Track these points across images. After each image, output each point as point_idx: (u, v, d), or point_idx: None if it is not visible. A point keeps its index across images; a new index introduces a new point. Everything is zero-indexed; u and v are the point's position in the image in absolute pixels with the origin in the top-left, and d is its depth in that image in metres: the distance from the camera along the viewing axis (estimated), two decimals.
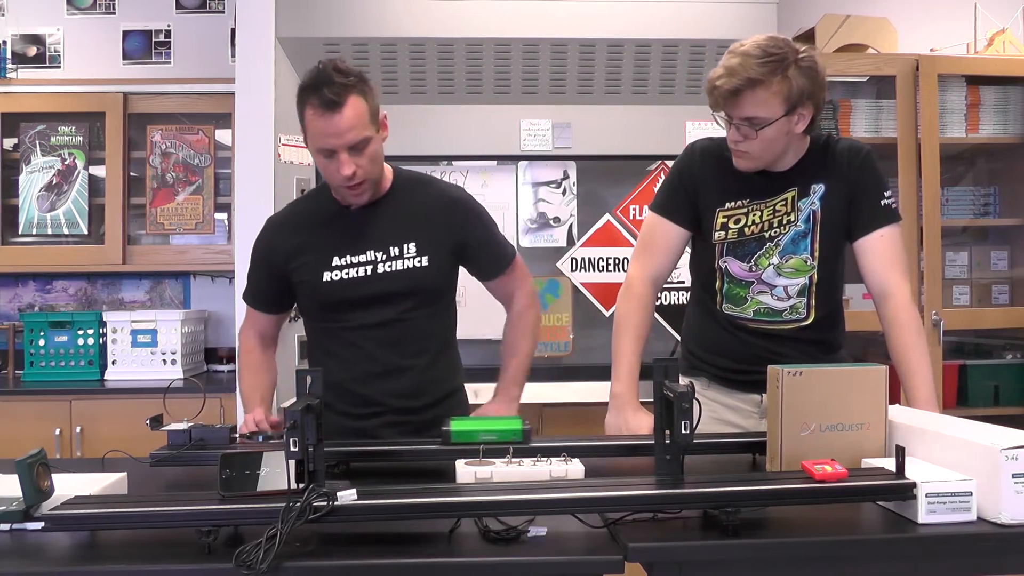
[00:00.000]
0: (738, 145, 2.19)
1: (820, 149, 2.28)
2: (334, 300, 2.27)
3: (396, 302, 2.25)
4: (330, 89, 2.08)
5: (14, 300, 4.60)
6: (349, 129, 2.11)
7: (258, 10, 3.60)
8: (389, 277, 2.25)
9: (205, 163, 4.31)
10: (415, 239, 2.27)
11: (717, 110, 2.16)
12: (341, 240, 2.27)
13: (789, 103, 2.11)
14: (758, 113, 2.11)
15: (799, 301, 2.28)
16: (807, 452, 1.71)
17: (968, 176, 4.36)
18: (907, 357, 2.17)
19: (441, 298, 2.35)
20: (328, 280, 2.25)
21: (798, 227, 2.25)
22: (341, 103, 2.08)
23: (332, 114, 2.09)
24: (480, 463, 1.71)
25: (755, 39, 2.12)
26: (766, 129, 2.13)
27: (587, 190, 4.15)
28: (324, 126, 2.10)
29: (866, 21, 4.17)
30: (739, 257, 2.28)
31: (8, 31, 4.53)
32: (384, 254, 2.25)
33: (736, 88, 2.08)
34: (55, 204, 4.29)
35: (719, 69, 2.12)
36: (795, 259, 2.26)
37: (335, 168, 2.14)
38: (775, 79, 2.08)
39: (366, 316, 2.25)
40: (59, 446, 3.78)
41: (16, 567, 1.42)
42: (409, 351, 2.27)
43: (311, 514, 1.41)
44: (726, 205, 2.28)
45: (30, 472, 1.47)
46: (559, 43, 3.71)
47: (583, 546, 1.47)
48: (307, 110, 2.12)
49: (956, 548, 1.53)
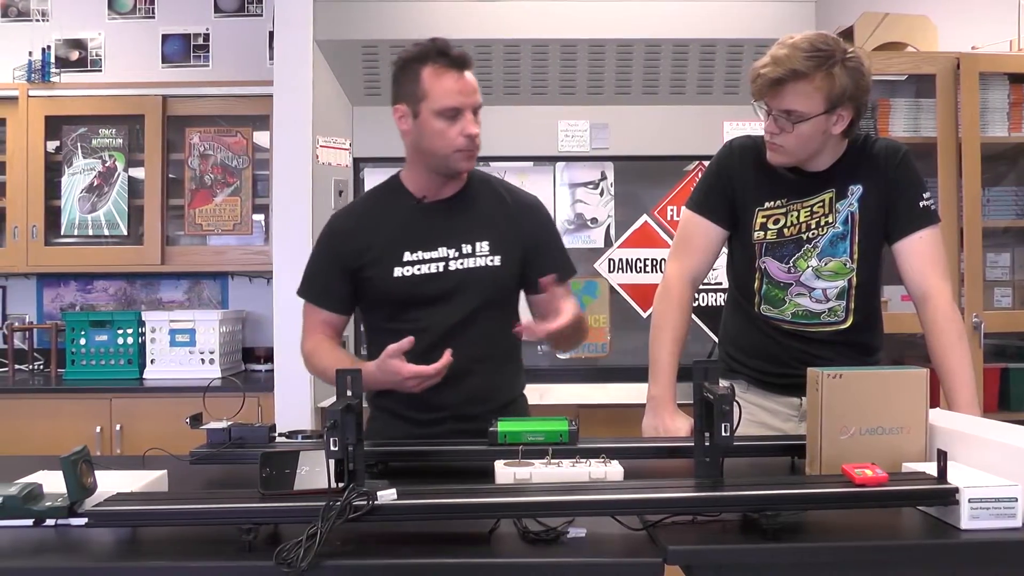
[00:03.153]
0: (773, 137, 2.17)
1: (857, 149, 2.26)
2: (403, 297, 2.22)
3: (465, 303, 2.20)
4: (457, 51, 2.12)
5: (56, 300, 4.67)
6: (476, 90, 2.15)
7: (296, 13, 3.63)
8: (461, 275, 2.21)
9: (243, 165, 4.34)
10: (488, 238, 2.23)
11: (759, 99, 2.16)
12: (413, 235, 2.23)
13: (830, 101, 2.09)
14: (797, 107, 2.10)
15: (838, 304, 2.26)
16: (847, 455, 1.70)
17: (1011, 176, 4.30)
18: (947, 360, 2.15)
19: (509, 301, 2.30)
20: (399, 276, 2.21)
21: (836, 229, 2.23)
22: (469, 64, 2.13)
23: (462, 73, 2.12)
24: (519, 464, 1.71)
25: (806, 34, 2.12)
26: (803, 124, 2.11)
27: (624, 191, 4.14)
28: (454, 84, 2.11)
29: (905, 19, 4.12)
30: (778, 258, 2.27)
31: (52, 36, 4.60)
32: (456, 251, 2.21)
33: (779, 78, 2.07)
34: (96, 205, 4.35)
35: (766, 58, 2.11)
36: (834, 262, 2.24)
37: (457, 130, 2.12)
38: (819, 74, 2.07)
39: (433, 317, 2.20)
40: (100, 444, 3.83)
41: (60, 562, 1.44)
42: (475, 355, 2.19)
43: (351, 513, 1.42)
44: (765, 204, 2.27)
45: (74, 469, 1.48)
46: (597, 43, 3.71)
47: (622, 548, 1.46)
48: (431, 69, 2.12)
49: (1000, 555, 1.50)
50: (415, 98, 2.14)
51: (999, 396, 3.98)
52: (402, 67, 2.17)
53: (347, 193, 3.78)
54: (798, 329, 2.28)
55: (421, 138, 2.17)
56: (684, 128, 3.94)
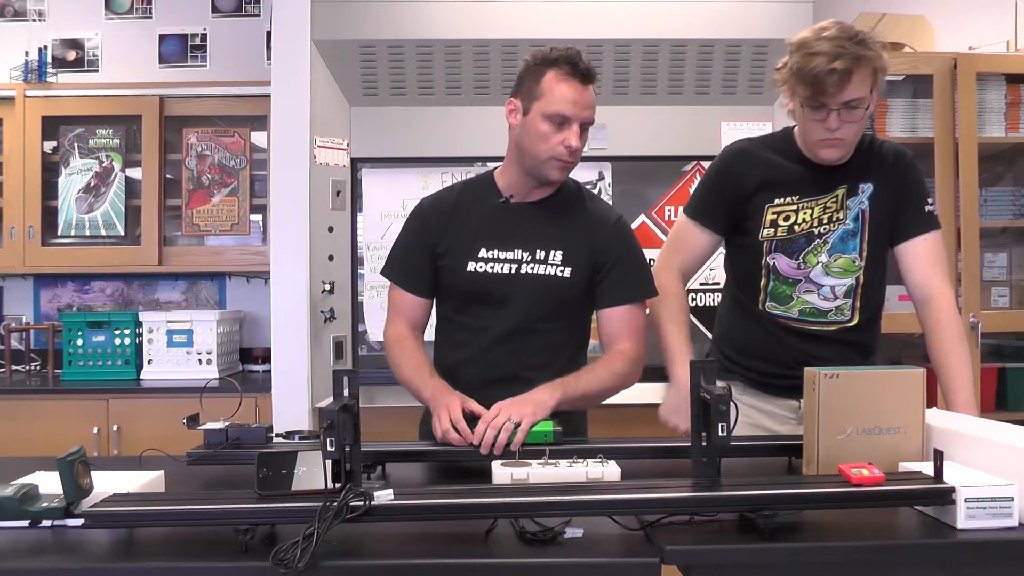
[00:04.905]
0: (835, 133, 2.14)
1: (866, 149, 2.27)
2: (472, 292, 2.24)
3: (530, 308, 2.21)
4: (585, 64, 2.15)
5: (53, 300, 4.67)
6: (592, 106, 2.17)
7: (294, 13, 3.62)
8: (530, 280, 2.21)
9: (240, 165, 4.34)
10: (563, 248, 2.23)
11: (817, 99, 2.10)
12: (492, 232, 2.25)
13: (874, 81, 2.11)
14: (861, 93, 2.09)
15: (845, 302, 2.27)
16: (844, 455, 1.70)
17: (1008, 176, 4.30)
18: (947, 361, 2.17)
19: (577, 314, 2.29)
20: (472, 270, 2.23)
21: (847, 225, 2.25)
22: (594, 80, 2.16)
23: (585, 86, 2.14)
24: (517, 464, 1.71)
25: (822, 25, 2.12)
26: (861, 111, 2.12)
27: (622, 191, 4.13)
28: (573, 93, 2.13)
29: (903, 19, 4.13)
30: (787, 254, 2.27)
31: (48, 36, 4.59)
32: (530, 255, 2.22)
33: (848, 69, 2.04)
34: (93, 206, 4.35)
35: (816, 57, 2.06)
36: (844, 258, 2.25)
37: (561, 138, 2.13)
38: (871, 56, 2.07)
39: (497, 318, 2.22)
40: (97, 444, 3.82)
41: (56, 563, 1.44)
42: (532, 362, 2.19)
43: (348, 514, 1.42)
44: (775, 201, 2.28)
45: (71, 470, 1.48)
46: (595, 44, 3.70)
47: (620, 548, 1.46)
48: (554, 73, 2.14)
49: (996, 554, 1.50)
50: (531, 96, 2.17)
51: (996, 396, 3.98)
52: (530, 65, 2.19)
53: (344, 193, 3.77)
54: (804, 327, 2.28)
55: (524, 136, 2.19)
56: (682, 128, 3.93)
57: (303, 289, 3.56)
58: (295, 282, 3.55)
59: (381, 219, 3.93)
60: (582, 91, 2.14)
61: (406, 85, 3.79)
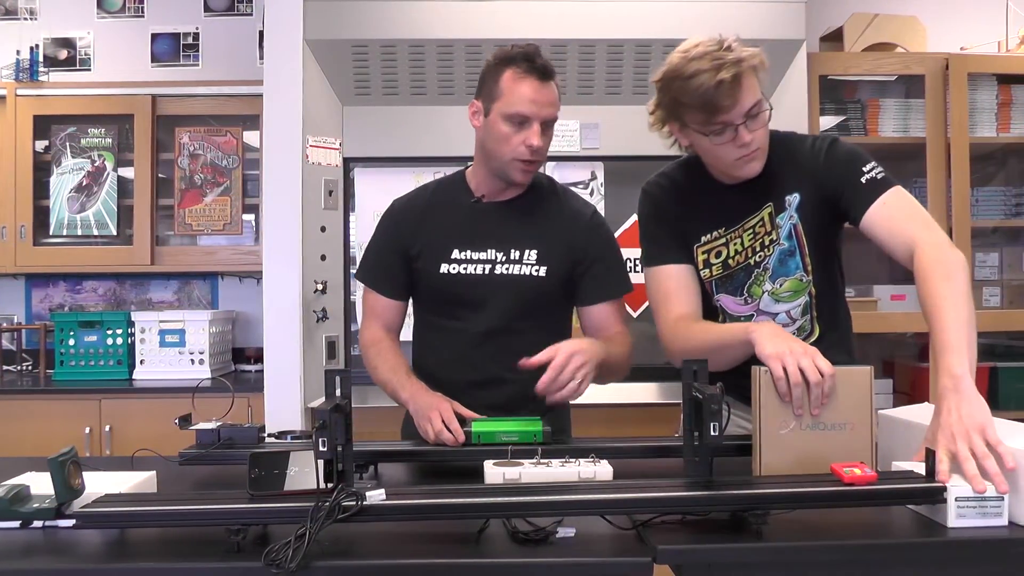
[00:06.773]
0: (749, 146, 1.99)
1: (782, 155, 2.09)
2: (446, 294, 2.23)
3: (506, 309, 2.20)
4: (542, 61, 2.11)
5: (45, 300, 4.66)
6: (553, 103, 2.13)
7: (286, 12, 3.62)
8: (505, 280, 2.20)
9: (233, 165, 4.34)
10: (538, 247, 2.21)
11: (717, 120, 1.95)
12: (465, 233, 2.23)
13: (760, 84, 1.98)
14: (756, 96, 1.95)
15: (804, 320, 2.13)
16: (786, 451, 1.70)
17: (999, 176, 4.32)
18: (932, 305, 1.81)
19: (554, 313, 2.28)
20: (445, 272, 2.22)
21: (782, 245, 2.09)
22: (552, 76, 2.12)
23: (544, 83, 2.11)
24: (509, 464, 1.71)
25: (682, 48, 2.00)
26: (764, 114, 1.98)
27: (615, 191, 4.13)
28: (532, 92, 2.10)
29: (895, 20, 4.14)
30: (730, 292, 2.14)
31: (40, 35, 4.58)
32: (504, 255, 2.21)
33: (735, 75, 1.89)
34: (85, 205, 4.34)
35: (696, 78, 1.91)
36: (789, 280, 2.10)
37: (522, 138, 2.11)
38: (747, 56, 1.93)
39: (475, 319, 2.21)
40: (89, 444, 3.82)
41: (48, 564, 1.43)
42: (513, 363, 2.06)
43: (340, 514, 1.42)
44: (701, 240, 2.13)
45: (62, 470, 1.48)
46: (587, 44, 3.70)
47: (612, 548, 1.46)
48: (510, 72, 2.11)
49: (986, 553, 1.51)
50: (490, 97, 2.15)
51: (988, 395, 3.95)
52: (490, 64, 2.17)
53: (337, 193, 3.77)
54: None
55: (487, 138, 2.18)
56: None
57: (295, 289, 3.55)
58: (287, 282, 3.55)
59: (373, 219, 3.87)
60: (541, 88, 2.11)
61: (398, 85, 3.79)
